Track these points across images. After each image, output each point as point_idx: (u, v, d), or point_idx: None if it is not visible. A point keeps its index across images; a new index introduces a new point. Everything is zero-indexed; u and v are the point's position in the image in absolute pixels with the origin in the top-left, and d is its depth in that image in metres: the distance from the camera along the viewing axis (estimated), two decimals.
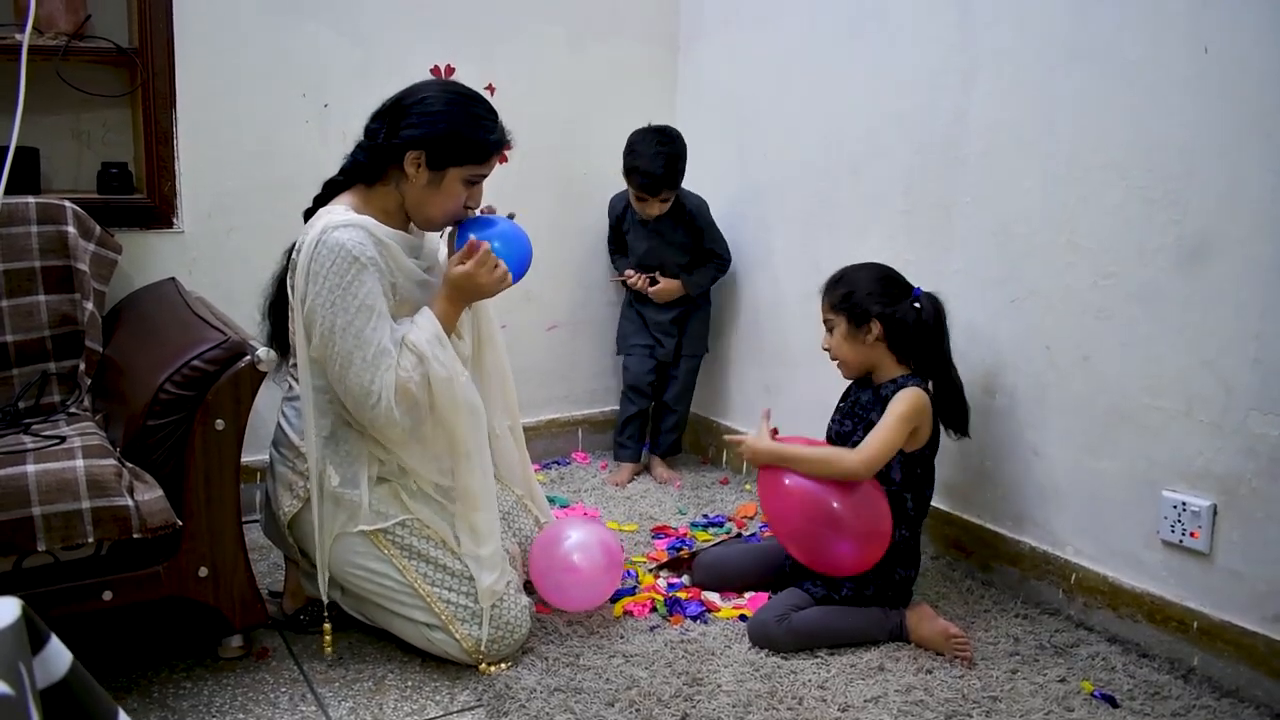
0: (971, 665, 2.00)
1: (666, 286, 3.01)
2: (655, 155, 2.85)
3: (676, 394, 3.13)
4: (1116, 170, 2.06)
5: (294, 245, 1.97)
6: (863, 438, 2.12)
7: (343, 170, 2.02)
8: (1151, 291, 2.03)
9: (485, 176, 2.02)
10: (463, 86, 2.04)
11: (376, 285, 1.88)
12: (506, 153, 2.07)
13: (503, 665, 1.97)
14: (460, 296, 1.98)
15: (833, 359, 2.22)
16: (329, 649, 2.00)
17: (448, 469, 2.01)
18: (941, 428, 2.19)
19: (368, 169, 1.97)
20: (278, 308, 2.05)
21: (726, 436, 2.53)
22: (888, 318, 2.13)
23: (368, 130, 2.00)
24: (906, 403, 2.08)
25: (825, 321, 2.22)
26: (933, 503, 2.48)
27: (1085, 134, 2.12)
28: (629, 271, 3.05)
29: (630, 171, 2.91)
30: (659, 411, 3.18)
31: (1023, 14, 2.22)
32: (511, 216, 2.06)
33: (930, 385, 2.15)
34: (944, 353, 2.17)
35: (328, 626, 2.01)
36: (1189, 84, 1.93)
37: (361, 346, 1.86)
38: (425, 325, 1.93)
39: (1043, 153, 2.20)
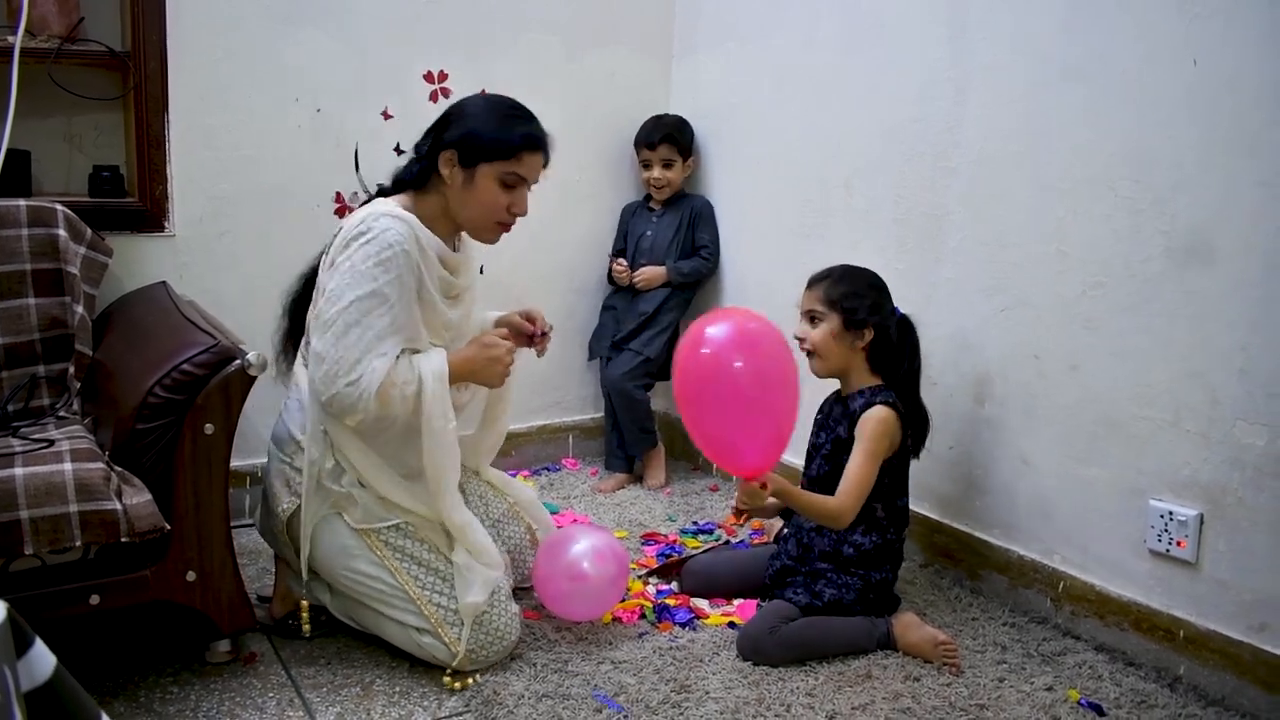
0: (959, 673, 2.00)
1: (650, 274, 3.07)
2: (659, 116, 3.15)
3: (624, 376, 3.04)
4: (1106, 182, 2.08)
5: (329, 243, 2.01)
6: (829, 449, 2.16)
7: (393, 180, 2.08)
8: (1140, 302, 2.04)
9: (525, 179, 2.04)
10: (502, 95, 2.12)
11: (402, 280, 1.90)
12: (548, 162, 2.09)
13: (471, 679, 1.94)
14: (472, 366, 2.02)
15: (808, 352, 2.17)
16: (306, 627, 2.04)
17: (399, 479, 2.01)
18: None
19: (415, 177, 2.03)
20: (300, 304, 2.07)
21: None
22: (880, 327, 2.13)
23: (416, 145, 2.08)
24: (875, 428, 2.08)
25: (809, 313, 2.17)
26: (922, 511, 2.49)
27: (1075, 146, 2.13)
28: (619, 261, 3.13)
29: (637, 143, 3.14)
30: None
31: (1015, 28, 2.23)
32: (547, 333, 2.21)
33: (896, 399, 2.13)
34: (915, 375, 2.19)
35: (305, 604, 2.04)
36: (1178, 97, 1.94)
37: (363, 325, 1.87)
38: (435, 358, 1.95)
39: (1033, 164, 2.21)
